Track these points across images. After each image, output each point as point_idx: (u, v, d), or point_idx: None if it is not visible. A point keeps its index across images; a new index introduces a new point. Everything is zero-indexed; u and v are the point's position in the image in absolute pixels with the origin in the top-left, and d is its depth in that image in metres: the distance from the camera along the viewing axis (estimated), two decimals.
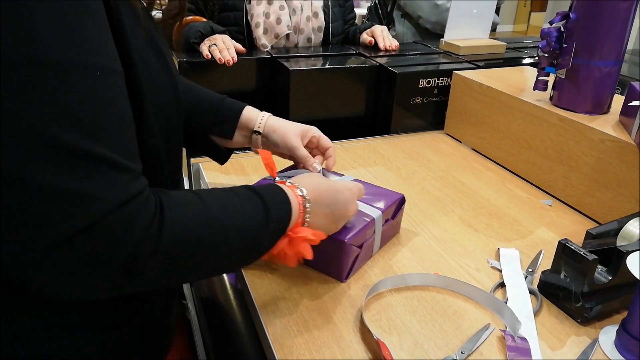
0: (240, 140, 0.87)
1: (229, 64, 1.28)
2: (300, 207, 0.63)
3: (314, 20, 1.52)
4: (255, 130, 0.85)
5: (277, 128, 0.84)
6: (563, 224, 0.95)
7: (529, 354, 0.62)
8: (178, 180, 0.68)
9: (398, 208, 0.87)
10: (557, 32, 1.00)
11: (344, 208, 0.69)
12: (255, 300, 0.72)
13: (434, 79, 1.35)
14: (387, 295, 0.75)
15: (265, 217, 0.58)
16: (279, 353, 0.63)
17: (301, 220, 0.63)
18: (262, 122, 0.85)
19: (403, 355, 0.64)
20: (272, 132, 0.84)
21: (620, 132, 0.92)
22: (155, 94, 0.56)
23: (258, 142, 0.86)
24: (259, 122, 0.84)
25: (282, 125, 0.85)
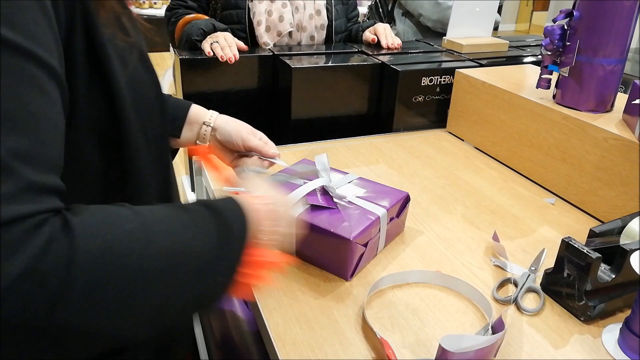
0: (187, 136, 0.83)
1: (231, 61, 1.27)
2: (254, 230, 0.53)
3: (317, 18, 1.52)
4: (206, 122, 0.82)
5: (229, 121, 0.83)
6: (566, 223, 0.95)
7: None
8: (168, 190, 0.64)
9: (403, 206, 0.86)
10: (560, 30, 1.00)
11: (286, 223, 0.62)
12: (257, 297, 0.72)
13: (436, 77, 1.34)
14: (389, 292, 0.74)
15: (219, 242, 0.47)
16: (281, 351, 0.63)
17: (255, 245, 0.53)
18: (213, 116, 0.83)
19: (405, 353, 0.63)
20: (224, 124, 0.82)
21: (624, 131, 0.92)
22: (138, 95, 0.54)
23: (207, 135, 0.82)
24: (209, 116, 0.83)
25: (234, 120, 0.84)
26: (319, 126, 1.36)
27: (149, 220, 0.42)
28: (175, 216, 0.46)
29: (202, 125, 0.82)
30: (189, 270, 0.43)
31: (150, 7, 3.47)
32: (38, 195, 0.36)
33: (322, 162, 0.88)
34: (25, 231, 0.34)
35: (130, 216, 0.41)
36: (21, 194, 0.35)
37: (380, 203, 0.81)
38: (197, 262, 0.44)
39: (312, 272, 0.78)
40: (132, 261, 0.38)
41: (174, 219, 0.45)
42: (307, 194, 0.80)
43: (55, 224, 0.36)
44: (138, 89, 0.55)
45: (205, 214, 0.48)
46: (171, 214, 0.46)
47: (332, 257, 0.76)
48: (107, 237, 0.38)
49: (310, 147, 1.24)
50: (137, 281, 0.39)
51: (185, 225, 0.45)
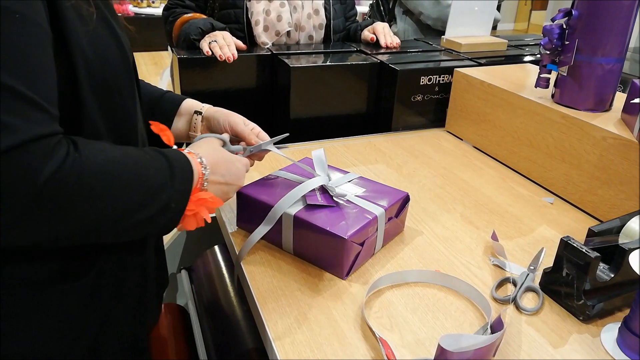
0: (179, 127, 0.86)
1: (230, 60, 1.27)
2: (200, 173, 0.65)
3: (315, 17, 1.51)
4: (197, 111, 0.86)
5: (219, 109, 0.86)
6: (565, 222, 0.95)
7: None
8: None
9: (402, 206, 0.86)
10: (559, 29, 1.00)
11: (236, 179, 0.73)
12: (256, 297, 0.72)
13: (435, 76, 1.34)
14: (388, 292, 0.74)
15: (170, 175, 0.60)
16: (280, 351, 0.63)
17: (199, 185, 0.65)
18: (205, 106, 0.87)
19: (405, 352, 0.63)
20: (214, 112, 0.85)
21: (622, 130, 0.92)
22: (102, 61, 0.58)
23: (197, 124, 0.86)
24: (201, 106, 0.87)
25: (226, 110, 0.87)
26: (318, 125, 1.35)
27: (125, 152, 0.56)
28: (137, 152, 0.59)
29: (193, 114, 0.86)
30: (150, 189, 0.57)
31: (148, 6, 3.46)
32: (55, 122, 0.50)
33: (319, 158, 0.88)
34: (53, 145, 0.48)
35: (113, 147, 0.56)
36: (48, 121, 0.49)
37: (379, 202, 0.81)
38: (153, 185, 0.57)
39: (311, 272, 0.77)
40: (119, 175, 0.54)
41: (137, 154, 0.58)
42: (307, 194, 0.80)
43: (68, 143, 0.50)
44: (98, 47, 0.58)
45: (157, 155, 0.61)
46: (134, 150, 0.59)
47: (328, 256, 0.76)
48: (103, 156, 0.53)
49: (309, 146, 1.23)
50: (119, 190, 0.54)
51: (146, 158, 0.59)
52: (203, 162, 0.66)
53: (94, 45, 0.57)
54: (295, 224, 0.78)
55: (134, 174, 0.55)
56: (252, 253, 0.82)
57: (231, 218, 0.91)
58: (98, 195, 0.51)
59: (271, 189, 0.84)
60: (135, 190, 0.55)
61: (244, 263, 0.79)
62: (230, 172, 0.71)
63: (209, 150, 0.70)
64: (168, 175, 0.59)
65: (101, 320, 0.64)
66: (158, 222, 0.59)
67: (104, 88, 0.59)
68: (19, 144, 0.45)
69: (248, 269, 0.78)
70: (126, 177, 0.54)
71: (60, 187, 0.48)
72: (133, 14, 3.35)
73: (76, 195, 0.50)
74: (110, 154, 0.54)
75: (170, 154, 0.62)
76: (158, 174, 0.59)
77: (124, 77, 0.63)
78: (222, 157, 0.71)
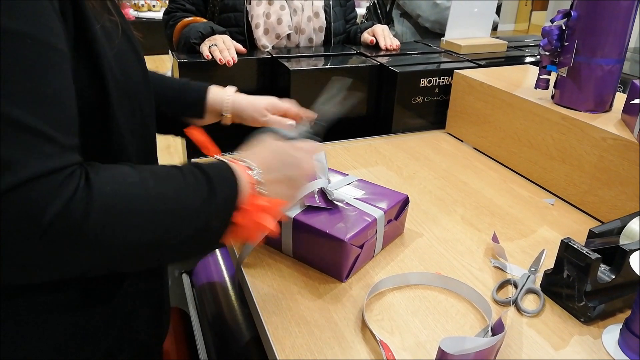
0: (210, 119, 0.91)
1: (229, 64, 1.27)
2: (249, 179, 0.58)
3: (315, 20, 1.52)
4: (223, 112, 0.89)
5: (245, 108, 0.90)
6: (565, 223, 0.95)
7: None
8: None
9: (402, 209, 0.86)
10: (558, 30, 1.00)
11: (297, 168, 0.64)
12: (256, 300, 0.72)
13: (435, 78, 1.34)
14: (389, 295, 0.74)
15: (209, 192, 0.54)
16: (280, 353, 0.63)
17: (254, 192, 0.58)
18: (229, 104, 0.89)
19: (405, 355, 0.63)
20: (241, 112, 0.90)
21: (623, 130, 0.92)
22: (126, 75, 0.57)
23: (227, 120, 0.91)
24: (225, 105, 0.89)
25: (250, 103, 0.90)
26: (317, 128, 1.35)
27: (147, 175, 0.51)
28: (168, 171, 0.54)
29: (221, 116, 0.90)
30: (182, 211, 0.52)
31: (149, 10, 3.47)
32: (67, 153, 0.46)
33: (320, 161, 0.88)
34: (61, 180, 0.44)
35: (132, 172, 0.51)
36: (59, 153, 0.45)
37: (379, 205, 0.81)
38: (187, 206, 0.52)
39: (311, 275, 0.77)
40: (133, 205, 0.48)
41: (167, 173, 0.54)
42: (305, 196, 0.80)
43: (80, 176, 0.46)
44: (124, 66, 0.58)
45: (196, 171, 0.55)
46: (165, 169, 0.55)
47: (327, 258, 0.76)
48: (115, 187, 0.48)
49: None
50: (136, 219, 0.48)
51: (177, 178, 0.53)
52: (250, 165, 0.60)
53: (119, 61, 0.56)
54: (295, 227, 0.78)
55: (158, 199, 0.50)
56: (253, 256, 0.82)
57: None
58: (113, 230, 0.47)
59: None
60: (161, 217, 0.50)
61: (244, 267, 0.80)
62: (287, 163, 0.63)
63: (257, 148, 0.64)
64: (206, 191, 0.54)
65: (119, 334, 0.64)
66: (197, 244, 0.54)
67: (129, 103, 0.58)
68: (22, 182, 0.42)
69: (248, 273, 0.78)
70: (148, 204, 0.49)
71: (68, 226, 0.44)
72: (134, 18, 3.36)
73: (88, 233, 0.45)
74: (128, 180, 0.49)
75: (209, 167, 0.56)
76: (192, 192, 0.53)
77: (143, 91, 0.63)
78: (271, 150, 0.64)
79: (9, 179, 0.41)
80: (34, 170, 0.43)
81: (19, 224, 0.42)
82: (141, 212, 0.49)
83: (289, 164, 0.64)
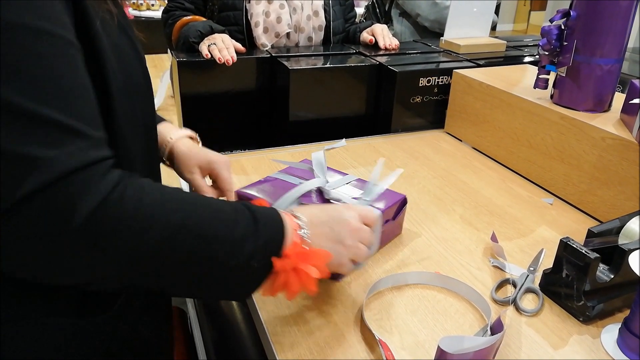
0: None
1: (229, 63, 1.27)
2: (294, 224, 0.58)
3: (315, 19, 1.52)
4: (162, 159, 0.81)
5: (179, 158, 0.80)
6: (564, 223, 0.95)
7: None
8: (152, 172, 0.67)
9: (399, 209, 0.86)
10: (557, 30, 1.00)
11: (345, 224, 0.63)
12: (255, 300, 0.72)
13: (434, 77, 1.34)
14: (388, 294, 0.74)
15: (254, 227, 0.52)
16: (279, 353, 0.63)
17: (298, 239, 0.57)
18: (166, 149, 0.80)
19: (404, 354, 0.63)
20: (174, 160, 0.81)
21: (622, 130, 0.92)
22: (126, 73, 0.56)
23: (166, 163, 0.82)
24: (162, 147, 0.80)
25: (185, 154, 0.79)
26: (317, 127, 1.36)
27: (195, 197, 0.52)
28: (216, 202, 0.53)
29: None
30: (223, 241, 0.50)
31: (148, 9, 3.46)
32: (101, 146, 0.46)
33: (319, 160, 0.88)
34: (101, 172, 0.44)
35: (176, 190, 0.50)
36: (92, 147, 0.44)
37: (376, 205, 0.81)
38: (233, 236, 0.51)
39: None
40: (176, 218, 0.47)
41: (216, 203, 0.53)
42: (302, 195, 0.80)
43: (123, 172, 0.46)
44: (124, 61, 0.57)
45: (241, 206, 0.54)
46: (212, 199, 0.53)
47: None
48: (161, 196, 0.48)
49: (308, 148, 1.23)
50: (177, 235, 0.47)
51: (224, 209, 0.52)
52: (296, 214, 0.59)
53: (119, 60, 0.55)
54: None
55: (199, 219, 0.49)
56: None
57: None
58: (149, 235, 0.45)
59: (269, 190, 0.84)
60: (199, 239, 0.48)
61: None
62: (334, 218, 0.62)
63: (305, 207, 0.63)
64: (251, 227, 0.52)
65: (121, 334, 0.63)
66: (235, 281, 0.52)
67: (130, 102, 0.57)
68: (56, 178, 0.41)
69: None
70: (193, 219, 0.48)
71: (103, 222, 0.43)
72: (133, 16, 3.35)
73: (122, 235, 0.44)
74: (176, 194, 0.48)
75: (257, 207, 0.55)
76: (236, 223, 0.51)
77: (144, 90, 0.62)
78: (321, 206, 0.64)
79: (45, 174, 0.41)
80: (68, 166, 0.42)
81: (52, 223, 0.41)
82: (182, 227, 0.47)
83: (337, 219, 0.62)
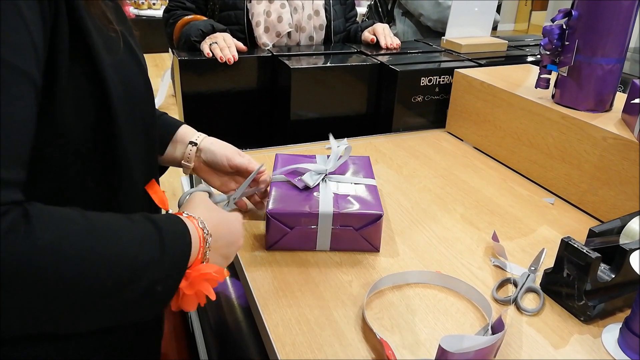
0: (172, 154, 0.83)
1: (230, 62, 1.27)
2: (201, 242, 0.56)
3: (316, 18, 1.52)
4: (192, 141, 0.82)
5: (214, 142, 0.84)
6: (565, 222, 0.95)
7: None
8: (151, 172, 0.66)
9: (369, 223, 0.80)
10: (559, 29, 1.00)
11: (237, 239, 0.65)
12: (256, 298, 0.72)
13: (435, 77, 1.34)
14: (389, 293, 0.74)
15: (160, 250, 0.50)
16: (281, 352, 0.63)
17: (200, 257, 0.56)
18: (200, 137, 0.83)
19: (405, 353, 0.63)
20: (209, 145, 0.83)
21: (623, 130, 0.92)
22: (127, 85, 0.56)
23: (191, 155, 0.82)
24: (196, 136, 0.83)
25: (221, 141, 0.85)
26: (318, 126, 1.36)
27: (94, 224, 0.47)
28: (118, 222, 0.49)
29: (188, 145, 0.83)
30: (128, 267, 0.47)
31: (149, 8, 3.46)
32: (4, 189, 0.41)
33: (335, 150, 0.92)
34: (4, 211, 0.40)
35: (78, 219, 0.46)
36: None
37: (343, 204, 0.81)
38: (135, 264, 0.48)
39: (311, 273, 0.78)
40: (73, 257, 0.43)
41: (116, 225, 0.49)
42: (296, 174, 0.86)
43: (16, 214, 0.41)
44: (125, 75, 0.56)
45: (149, 225, 0.51)
46: (115, 220, 0.49)
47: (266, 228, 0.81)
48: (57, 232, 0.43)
49: (310, 147, 1.24)
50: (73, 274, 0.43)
51: (126, 231, 0.49)
52: (205, 228, 0.58)
53: (119, 71, 0.55)
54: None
55: (102, 252, 0.45)
56: (253, 255, 0.82)
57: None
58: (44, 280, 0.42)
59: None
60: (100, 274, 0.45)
61: (244, 264, 0.80)
62: (232, 232, 0.64)
63: (206, 211, 0.62)
64: (158, 250, 0.50)
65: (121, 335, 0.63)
66: (137, 308, 0.50)
67: (134, 119, 0.57)
68: None
69: (249, 271, 0.78)
70: (91, 255, 0.45)
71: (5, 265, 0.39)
72: (134, 15, 3.36)
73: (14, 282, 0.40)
74: (72, 228, 0.44)
75: (165, 222, 0.53)
76: (141, 249, 0.48)
77: (145, 99, 0.62)
78: (221, 217, 0.63)
79: None
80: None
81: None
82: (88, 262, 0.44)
83: (233, 232, 0.64)
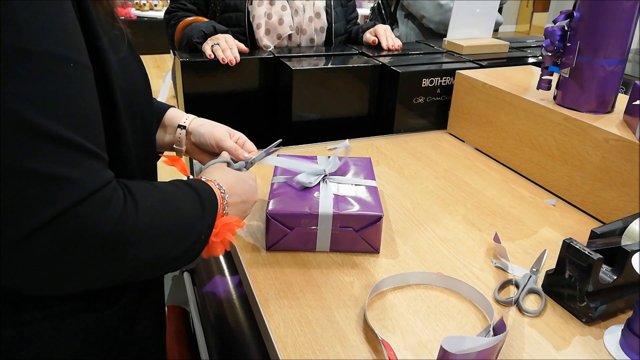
0: (163, 139, 0.84)
1: (232, 63, 1.27)
2: (221, 199, 0.67)
3: (317, 20, 1.52)
4: (181, 125, 0.83)
5: (203, 123, 0.85)
6: (567, 224, 0.95)
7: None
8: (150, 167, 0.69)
9: (369, 224, 0.80)
10: (561, 31, 1.00)
11: (251, 195, 0.74)
12: (258, 299, 0.72)
13: (437, 78, 1.34)
14: (390, 294, 0.74)
15: (202, 208, 0.62)
16: (282, 352, 0.63)
17: (221, 211, 0.67)
18: (188, 119, 0.85)
19: (407, 355, 0.63)
20: (198, 127, 0.83)
21: (625, 131, 0.92)
22: (130, 85, 0.58)
23: (182, 138, 0.84)
24: (184, 118, 0.84)
25: (209, 122, 0.86)
26: (320, 128, 1.36)
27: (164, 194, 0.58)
28: (175, 189, 0.61)
29: (177, 128, 0.84)
30: (187, 225, 0.59)
31: (151, 9, 3.47)
32: (107, 166, 0.51)
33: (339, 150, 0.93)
34: (111, 191, 0.49)
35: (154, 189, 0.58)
36: (104, 168, 0.50)
37: (344, 206, 0.81)
38: (190, 221, 0.60)
39: (313, 274, 0.78)
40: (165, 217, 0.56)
41: (174, 191, 0.60)
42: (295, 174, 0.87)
43: (122, 187, 0.52)
44: (127, 72, 0.59)
45: (188, 189, 0.63)
46: (171, 188, 0.61)
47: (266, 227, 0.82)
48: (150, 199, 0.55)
49: (311, 148, 1.24)
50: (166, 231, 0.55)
51: (182, 195, 0.61)
52: (222, 188, 0.68)
53: (123, 71, 0.57)
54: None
55: (174, 213, 0.57)
56: (255, 255, 0.82)
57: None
58: (150, 238, 0.53)
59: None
60: (176, 228, 0.57)
61: (246, 265, 0.80)
62: (245, 190, 0.73)
63: (221, 174, 0.72)
64: (200, 208, 0.61)
65: (125, 335, 0.64)
66: (189, 254, 0.60)
67: (133, 114, 0.59)
68: (84, 197, 0.46)
69: (250, 271, 0.78)
70: (170, 216, 0.56)
71: (122, 233, 0.49)
72: (136, 17, 3.36)
73: (134, 240, 0.50)
74: (156, 195, 0.56)
75: (198, 185, 0.64)
76: (193, 209, 0.60)
77: (145, 98, 0.64)
78: (235, 177, 0.73)
79: (72, 195, 0.45)
80: (92, 186, 0.47)
81: (83, 237, 0.46)
82: (169, 222, 0.56)
83: (247, 191, 0.73)
